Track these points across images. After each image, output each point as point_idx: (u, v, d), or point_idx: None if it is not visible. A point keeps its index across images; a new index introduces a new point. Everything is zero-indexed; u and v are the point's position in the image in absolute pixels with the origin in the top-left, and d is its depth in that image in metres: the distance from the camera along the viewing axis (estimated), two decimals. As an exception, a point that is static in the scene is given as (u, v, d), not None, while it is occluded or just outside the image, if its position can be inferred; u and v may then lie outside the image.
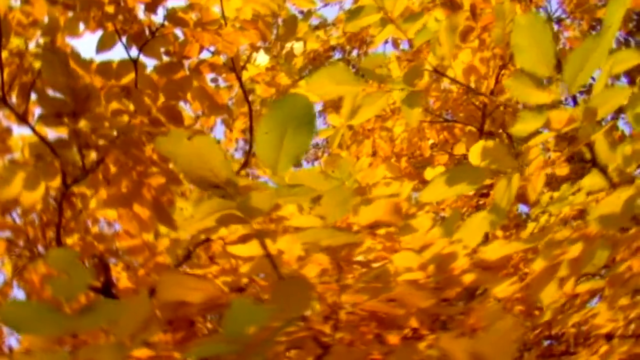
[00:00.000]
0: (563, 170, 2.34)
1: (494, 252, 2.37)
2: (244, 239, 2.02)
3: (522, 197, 2.62)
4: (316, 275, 2.22)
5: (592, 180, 2.14)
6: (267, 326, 1.66)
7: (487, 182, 2.50)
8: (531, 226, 2.70)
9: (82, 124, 2.49)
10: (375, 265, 2.44)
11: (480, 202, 3.93)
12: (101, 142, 2.52)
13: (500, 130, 4.35)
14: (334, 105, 4.53)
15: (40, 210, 3.13)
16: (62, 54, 2.39)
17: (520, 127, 1.97)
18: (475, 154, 3.18)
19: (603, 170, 2.06)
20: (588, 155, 2.08)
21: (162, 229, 3.44)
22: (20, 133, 3.17)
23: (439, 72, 2.22)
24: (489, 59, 3.38)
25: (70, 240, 3.36)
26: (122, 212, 3.23)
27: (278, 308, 1.80)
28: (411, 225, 2.39)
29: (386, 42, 5.23)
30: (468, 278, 2.61)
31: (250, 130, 3.09)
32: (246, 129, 3.46)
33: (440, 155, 4.61)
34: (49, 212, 3.20)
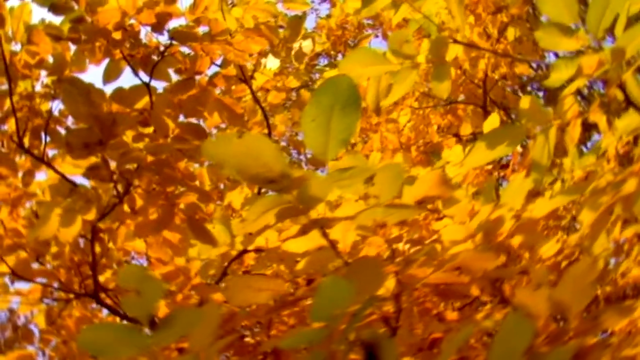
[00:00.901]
0: (597, 117, 2.37)
1: (540, 209, 2.39)
2: (304, 231, 2.01)
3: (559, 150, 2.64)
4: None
5: (628, 120, 2.17)
6: (348, 311, 1.66)
7: (504, 154, 2.53)
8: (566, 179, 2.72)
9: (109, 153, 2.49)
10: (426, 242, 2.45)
11: (501, 174, 3.95)
12: (131, 166, 2.52)
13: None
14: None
15: (71, 251, 3.10)
16: (80, 84, 2.39)
17: (555, 77, 2.00)
18: (489, 127, 3.23)
19: (638, 109, 2.09)
20: (620, 96, 2.11)
21: (192, 252, 3.43)
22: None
23: (461, 43, 2.24)
24: (486, 34, 3.42)
25: (103, 277, 3.33)
26: (151, 240, 3.22)
27: (355, 284, 1.80)
28: (455, 196, 2.40)
29: (376, 36, 5.31)
30: (515, 241, 2.63)
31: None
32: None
33: (447, 139, 4.64)
34: (79, 252, 3.17)
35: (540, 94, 5.28)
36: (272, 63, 3.00)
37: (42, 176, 3.21)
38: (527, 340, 1.44)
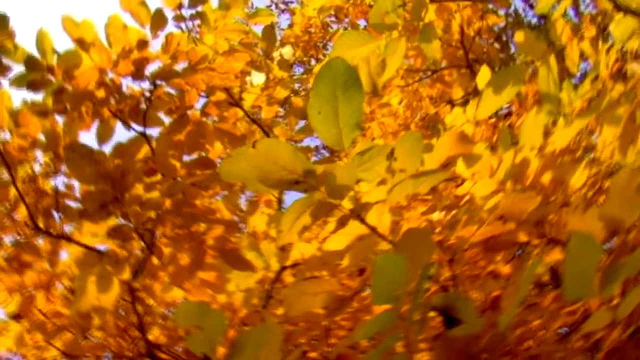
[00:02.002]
0: (591, 32, 2.35)
1: (561, 139, 2.37)
2: (342, 222, 1.99)
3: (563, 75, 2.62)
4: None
5: (623, 26, 2.16)
6: (408, 289, 1.63)
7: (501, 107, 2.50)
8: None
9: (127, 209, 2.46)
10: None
11: (507, 124, 3.91)
12: (152, 215, 2.49)
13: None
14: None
15: (114, 318, 3.07)
16: (81, 148, 2.37)
17: (544, 3, 1.98)
18: (483, 81, 3.21)
19: (631, 11, 2.07)
20: (609, 7, 2.09)
21: (230, 286, 3.39)
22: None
23: (437, 0, 2.23)
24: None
25: (152, 335, 3.29)
26: (189, 285, 3.18)
27: (407, 258, 1.77)
28: (475, 153, 2.38)
29: (345, 28, 5.27)
30: (546, 179, 2.60)
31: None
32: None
33: (442, 108, 4.62)
34: (122, 318, 3.14)
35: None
36: (257, 78, 2.98)
37: (66, 254, 3.20)
38: (597, 257, 1.42)
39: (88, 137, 2.87)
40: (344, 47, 2.06)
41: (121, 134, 2.96)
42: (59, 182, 2.97)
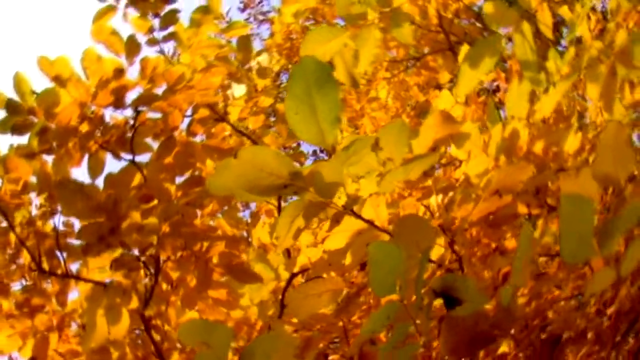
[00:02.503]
0: (563, 10, 2.34)
1: (547, 104, 2.35)
2: (336, 219, 1.97)
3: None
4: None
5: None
6: (409, 277, 1.61)
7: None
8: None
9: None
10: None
11: (495, 100, 3.89)
12: (153, 239, 2.48)
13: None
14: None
15: (132, 349, 3.06)
16: (71, 184, 2.36)
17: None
18: (463, 56, 3.20)
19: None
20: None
21: (244, 301, 3.38)
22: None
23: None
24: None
25: (173, 361, 3.28)
26: (202, 306, 3.17)
27: (405, 245, 1.75)
28: (464, 131, 2.35)
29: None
30: (537, 147, 2.58)
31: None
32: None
33: (431, 94, 4.60)
34: (140, 347, 3.13)
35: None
36: (238, 91, 2.98)
37: (75, 293, 3.19)
38: (591, 216, 1.39)
39: (80, 172, 2.86)
40: (314, 44, 2.05)
41: (113, 164, 2.95)
42: (59, 221, 2.97)
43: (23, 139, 2.75)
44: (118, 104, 2.62)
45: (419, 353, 1.80)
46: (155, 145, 2.86)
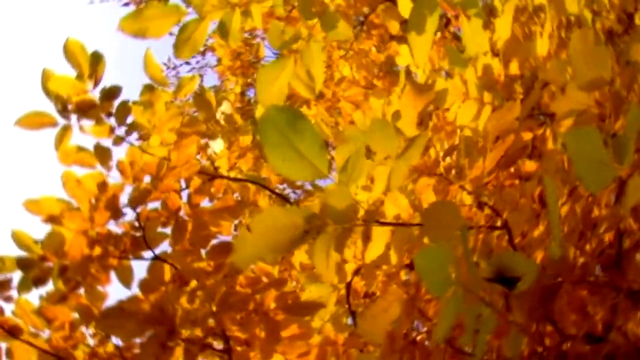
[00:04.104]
0: None
1: (503, 27, 2.32)
2: (366, 234, 1.98)
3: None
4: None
5: None
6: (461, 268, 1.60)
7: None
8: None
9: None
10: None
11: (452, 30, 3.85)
12: (211, 322, 2.50)
13: None
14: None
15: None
16: (110, 311, 2.39)
17: None
18: (405, 10, 3.18)
19: None
20: None
21: (315, 323, 3.40)
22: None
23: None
24: None
25: None
26: (280, 348, 3.19)
27: (437, 233, 1.76)
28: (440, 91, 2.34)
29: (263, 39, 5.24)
30: (513, 68, 2.55)
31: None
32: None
33: (389, 47, 4.56)
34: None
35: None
36: (217, 146, 2.97)
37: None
38: (599, 144, 1.38)
39: (114, 287, 2.88)
40: (265, 86, 2.04)
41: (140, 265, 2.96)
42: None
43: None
44: (116, 215, 2.63)
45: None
46: (167, 230, 2.87)
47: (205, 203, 2.92)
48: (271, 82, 2.05)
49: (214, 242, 2.73)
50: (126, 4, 7.02)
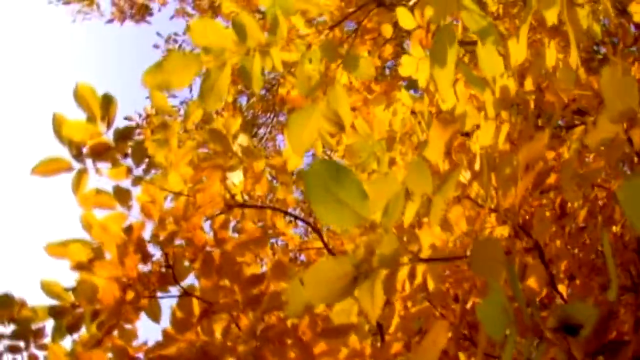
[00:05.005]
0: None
1: (520, 49, 2.36)
2: (411, 274, 2.03)
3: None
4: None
5: None
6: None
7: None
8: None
9: None
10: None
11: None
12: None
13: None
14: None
15: None
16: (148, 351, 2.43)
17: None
18: (403, 19, 3.21)
19: None
20: None
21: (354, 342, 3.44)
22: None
23: None
24: None
25: None
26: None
27: (482, 268, 1.81)
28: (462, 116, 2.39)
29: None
30: (528, 84, 2.60)
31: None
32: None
33: (385, 51, 4.58)
34: None
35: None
36: (235, 178, 2.98)
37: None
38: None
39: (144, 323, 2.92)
40: (296, 132, 2.05)
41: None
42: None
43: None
44: (145, 259, 2.65)
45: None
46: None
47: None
48: (302, 128, 2.08)
49: (245, 274, 2.76)
50: (110, 21, 6.95)
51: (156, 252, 2.86)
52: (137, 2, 6.69)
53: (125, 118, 6.33)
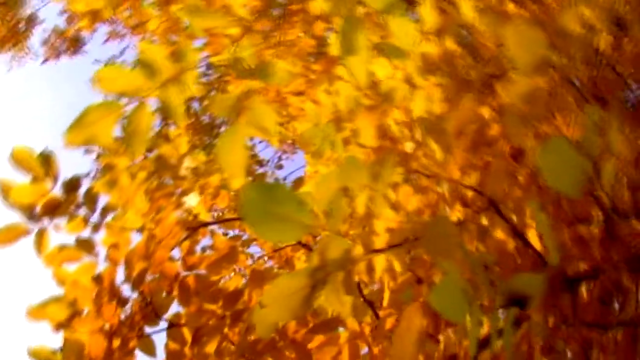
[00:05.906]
0: None
1: (428, 17, 2.34)
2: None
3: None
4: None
5: None
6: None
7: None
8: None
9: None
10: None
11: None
12: None
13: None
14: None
15: None
16: None
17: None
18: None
19: None
20: None
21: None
22: None
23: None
24: None
25: None
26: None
27: (434, 248, 1.81)
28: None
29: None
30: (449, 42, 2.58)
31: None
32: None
33: (320, 26, 4.52)
34: None
35: None
36: (192, 200, 2.97)
37: None
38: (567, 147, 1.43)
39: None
40: (226, 154, 2.04)
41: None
42: None
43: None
44: (122, 303, 2.66)
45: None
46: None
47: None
48: (231, 148, 2.06)
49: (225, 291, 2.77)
50: (45, 61, 6.86)
51: (134, 293, 2.87)
52: (66, 36, 6.61)
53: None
